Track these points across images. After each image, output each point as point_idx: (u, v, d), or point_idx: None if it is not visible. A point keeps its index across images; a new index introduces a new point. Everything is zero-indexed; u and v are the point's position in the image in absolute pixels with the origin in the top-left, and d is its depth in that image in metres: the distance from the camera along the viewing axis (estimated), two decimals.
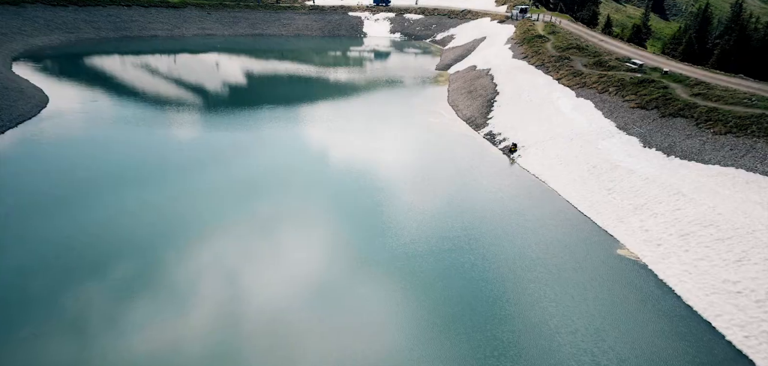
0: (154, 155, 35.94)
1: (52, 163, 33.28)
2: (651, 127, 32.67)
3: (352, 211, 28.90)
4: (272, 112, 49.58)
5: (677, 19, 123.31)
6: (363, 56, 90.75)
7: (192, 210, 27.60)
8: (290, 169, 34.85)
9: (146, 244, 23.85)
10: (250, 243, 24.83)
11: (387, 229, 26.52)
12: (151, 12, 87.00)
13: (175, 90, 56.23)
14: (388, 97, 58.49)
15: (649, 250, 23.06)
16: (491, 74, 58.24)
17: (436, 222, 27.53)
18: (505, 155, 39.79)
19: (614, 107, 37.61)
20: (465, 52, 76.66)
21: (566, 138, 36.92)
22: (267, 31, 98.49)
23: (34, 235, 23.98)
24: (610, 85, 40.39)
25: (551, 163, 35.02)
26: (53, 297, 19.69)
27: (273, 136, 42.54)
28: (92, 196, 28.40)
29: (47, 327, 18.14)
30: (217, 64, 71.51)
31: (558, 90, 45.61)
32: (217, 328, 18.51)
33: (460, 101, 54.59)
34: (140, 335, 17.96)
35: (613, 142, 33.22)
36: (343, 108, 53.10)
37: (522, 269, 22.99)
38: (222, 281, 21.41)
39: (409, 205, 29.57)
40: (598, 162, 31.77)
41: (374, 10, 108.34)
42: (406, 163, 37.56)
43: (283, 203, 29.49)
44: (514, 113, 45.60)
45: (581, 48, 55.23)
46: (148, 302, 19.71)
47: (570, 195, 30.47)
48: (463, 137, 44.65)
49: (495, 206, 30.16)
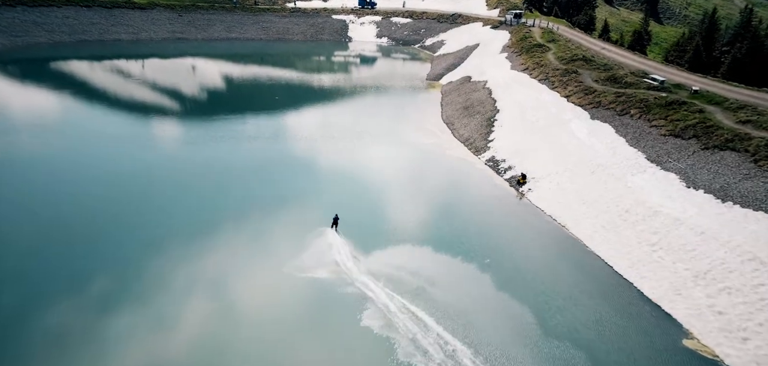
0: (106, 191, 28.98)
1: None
2: (692, 161, 27.16)
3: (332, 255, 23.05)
4: (243, 128, 42.97)
5: (672, 23, 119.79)
6: (348, 62, 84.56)
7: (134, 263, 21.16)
8: (261, 201, 28.56)
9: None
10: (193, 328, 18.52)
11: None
12: (114, 14, 79.25)
13: (132, 104, 49.25)
14: (375, 112, 52.40)
15: (731, 345, 17.41)
16: (489, 87, 52.61)
17: (434, 285, 21.51)
18: (513, 188, 34.08)
19: (640, 133, 32.13)
20: (457, 60, 71.00)
21: (585, 169, 31.34)
22: (245, 35, 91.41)
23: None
24: (632, 107, 34.95)
25: (570, 201, 29.35)
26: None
27: (243, 159, 36.00)
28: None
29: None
30: (186, 72, 64.46)
31: (568, 109, 40.08)
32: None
33: (456, 118, 48.80)
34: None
35: (645, 178, 27.65)
36: (327, 124, 46.82)
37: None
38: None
39: (399, 260, 23.51)
40: (630, 204, 26.16)
41: (359, 13, 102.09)
42: (397, 197, 31.63)
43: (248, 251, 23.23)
44: (519, 135, 39.95)
45: (588, 60, 49.90)
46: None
47: (600, 247, 24.80)
48: (462, 164, 38.82)
49: (506, 263, 24.29)
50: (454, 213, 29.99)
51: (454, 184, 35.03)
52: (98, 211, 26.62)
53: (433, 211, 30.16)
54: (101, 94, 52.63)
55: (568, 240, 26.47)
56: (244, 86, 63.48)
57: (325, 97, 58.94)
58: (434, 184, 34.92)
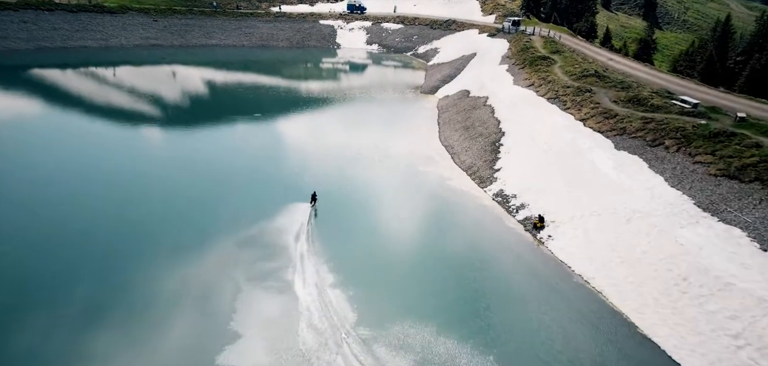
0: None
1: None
2: (762, 213, 21.96)
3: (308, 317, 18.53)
4: (215, 149, 37.23)
5: (671, 28, 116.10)
6: (337, 69, 79.16)
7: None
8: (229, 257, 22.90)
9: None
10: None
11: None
12: (80, 18, 72.59)
13: (97, 110, 43.12)
14: (366, 130, 46.77)
15: None
16: (490, 105, 47.40)
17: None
18: (528, 232, 28.78)
19: (681, 171, 27.02)
20: (454, 70, 65.77)
21: (618, 215, 26.14)
22: (225, 42, 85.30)
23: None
24: (666, 136, 29.88)
25: (603, 257, 24.10)
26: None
27: (213, 188, 30.22)
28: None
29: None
30: (160, 80, 58.22)
31: (586, 136, 34.97)
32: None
33: (456, 140, 43.48)
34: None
35: (700, 232, 22.47)
36: (311, 147, 41.16)
37: None
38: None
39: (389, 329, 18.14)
40: (688, 270, 20.93)
41: (348, 19, 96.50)
42: (392, 247, 26.30)
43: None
44: (530, 165, 34.75)
45: (601, 76, 44.94)
46: None
47: (656, 330, 19.46)
48: (466, 199, 33.48)
49: (530, 346, 18.90)
50: (462, 271, 24.67)
51: (459, 229, 29.65)
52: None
53: (435, 267, 24.88)
54: (60, 102, 46.81)
55: (608, 314, 21.15)
56: (222, 97, 57.55)
57: (311, 109, 53.53)
58: (435, 227, 29.59)
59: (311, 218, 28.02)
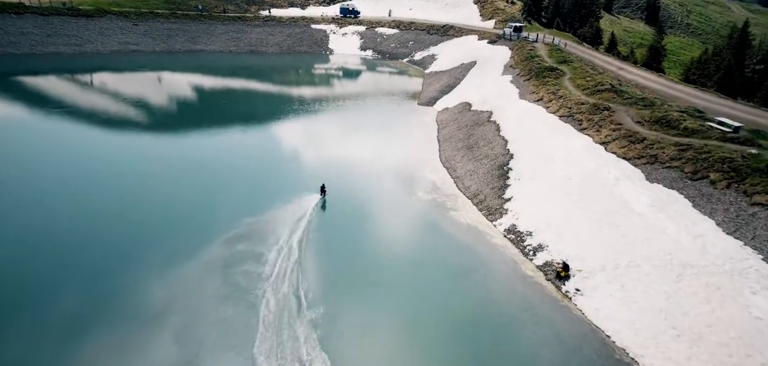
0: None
1: None
2: None
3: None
4: (193, 175, 32.45)
5: (675, 32, 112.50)
6: (330, 75, 74.33)
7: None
8: None
9: None
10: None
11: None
12: (51, 22, 67.41)
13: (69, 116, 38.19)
14: (358, 146, 42.10)
15: None
16: (495, 122, 42.99)
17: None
18: (550, 282, 24.29)
19: (738, 214, 22.67)
20: (453, 80, 61.35)
21: (663, 268, 21.71)
22: (211, 47, 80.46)
23: None
24: (710, 169, 25.54)
25: (652, 325, 19.63)
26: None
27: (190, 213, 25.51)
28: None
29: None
30: (144, 87, 53.24)
31: (610, 163, 30.58)
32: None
33: (458, 161, 39.00)
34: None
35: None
36: (299, 170, 36.40)
37: None
38: None
39: None
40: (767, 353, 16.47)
41: (341, 23, 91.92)
42: (382, 293, 21.65)
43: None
44: (546, 196, 30.33)
45: (618, 90, 40.70)
46: None
47: None
48: (473, 236, 28.96)
49: None
50: (473, 336, 20.15)
51: (467, 277, 25.09)
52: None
53: (437, 330, 20.46)
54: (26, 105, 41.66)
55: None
56: (200, 108, 52.67)
57: (301, 118, 49.26)
58: (439, 274, 25.03)
59: (317, 208, 29.75)
